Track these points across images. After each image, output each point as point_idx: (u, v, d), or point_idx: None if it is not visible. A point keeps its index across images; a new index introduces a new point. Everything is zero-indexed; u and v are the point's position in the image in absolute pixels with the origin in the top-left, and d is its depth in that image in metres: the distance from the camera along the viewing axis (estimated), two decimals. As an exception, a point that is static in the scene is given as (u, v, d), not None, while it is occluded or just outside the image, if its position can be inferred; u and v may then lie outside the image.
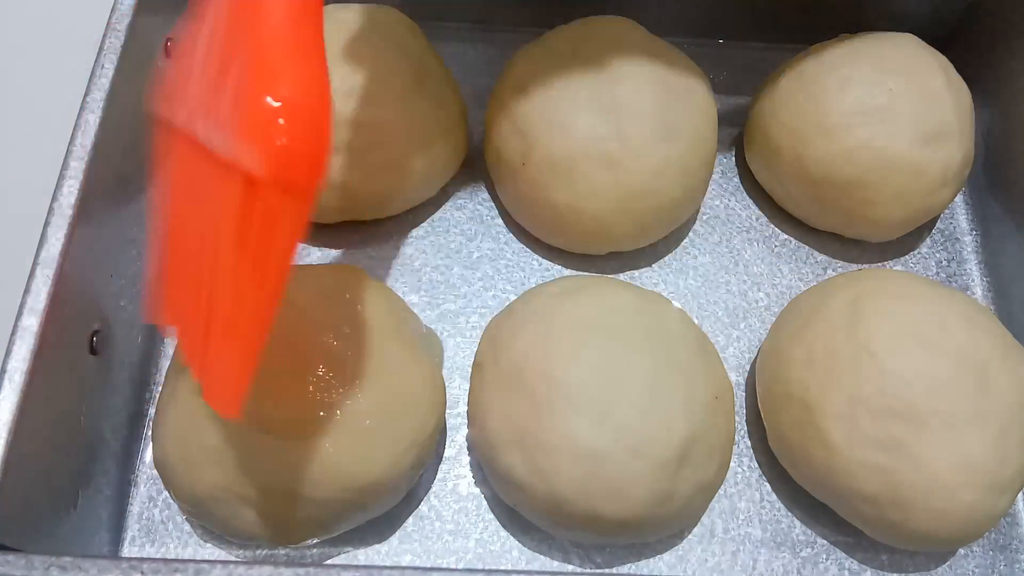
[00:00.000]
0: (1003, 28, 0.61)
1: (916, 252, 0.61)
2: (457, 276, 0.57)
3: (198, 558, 0.48)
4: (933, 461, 0.44)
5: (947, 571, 0.51)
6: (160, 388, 0.51)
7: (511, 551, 0.49)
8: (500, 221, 0.59)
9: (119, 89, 0.48)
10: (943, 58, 0.56)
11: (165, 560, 0.36)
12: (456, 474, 0.51)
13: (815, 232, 0.60)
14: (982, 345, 0.46)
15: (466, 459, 0.52)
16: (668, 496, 0.44)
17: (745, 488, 0.52)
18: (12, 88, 0.65)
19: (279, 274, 0.33)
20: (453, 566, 0.49)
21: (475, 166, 0.61)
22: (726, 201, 0.62)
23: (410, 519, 0.50)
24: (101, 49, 0.48)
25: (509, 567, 0.49)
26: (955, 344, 0.46)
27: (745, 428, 0.54)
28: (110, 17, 0.49)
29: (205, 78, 0.36)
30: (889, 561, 0.50)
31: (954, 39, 0.66)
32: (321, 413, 0.42)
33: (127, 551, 0.49)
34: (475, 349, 0.50)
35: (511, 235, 0.59)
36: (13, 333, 0.40)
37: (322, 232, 0.58)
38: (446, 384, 0.50)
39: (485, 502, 0.50)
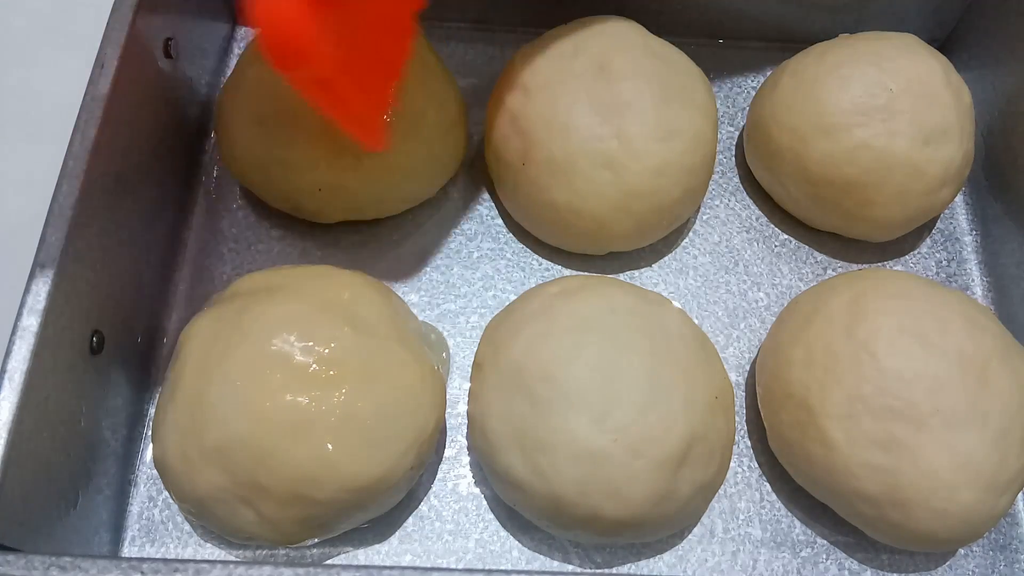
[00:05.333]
0: (1003, 28, 0.61)
1: (916, 252, 0.61)
2: (457, 276, 0.57)
3: (198, 558, 0.48)
4: (933, 461, 0.44)
5: (947, 571, 0.51)
6: (160, 388, 0.51)
7: (511, 551, 0.49)
8: (500, 221, 0.59)
9: (119, 89, 0.48)
10: (943, 58, 0.56)
11: (165, 560, 0.37)
12: (456, 474, 0.51)
13: (815, 232, 0.60)
14: (982, 345, 0.46)
15: (466, 459, 0.52)
16: (668, 496, 0.44)
17: (745, 488, 0.52)
18: (12, 88, 0.65)
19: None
20: (453, 566, 0.49)
21: (475, 166, 0.61)
22: (726, 201, 0.62)
23: (410, 519, 0.50)
24: (101, 49, 0.48)
25: (509, 567, 0.49)
26: (955, 344, 0.46)
27: (745, 428, 0.54)
28: (110, 17, 0.49)
29: None
30: (889, 561, 0.50)
31: (954, 39, 0.66)
32: (321, 413, 0.42)
33: (127, 551, 0.49)
34: (475, 349, 0.50)
35: (511, 235, 0.59)
36: (13, 333, 0.40)
37: (322, 232, 0.58)
38: (446, 384, 0.50)
39: (485, 502, 0.50)
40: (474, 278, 0.57)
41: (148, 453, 0.51)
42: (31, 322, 0.41)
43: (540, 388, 0.44)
